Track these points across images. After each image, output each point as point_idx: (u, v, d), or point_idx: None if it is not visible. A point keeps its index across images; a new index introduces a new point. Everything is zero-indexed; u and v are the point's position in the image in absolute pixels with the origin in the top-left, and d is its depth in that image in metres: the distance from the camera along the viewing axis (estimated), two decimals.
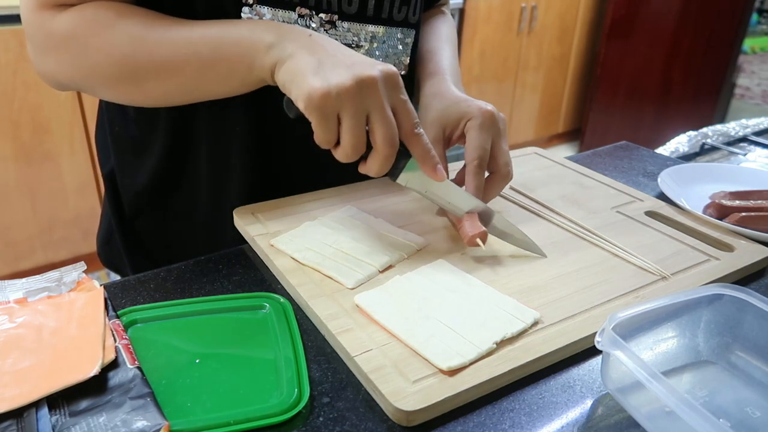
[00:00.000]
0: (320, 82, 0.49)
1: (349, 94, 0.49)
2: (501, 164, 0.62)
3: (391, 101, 0.52)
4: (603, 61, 3.23)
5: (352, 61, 0.52)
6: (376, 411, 0.42)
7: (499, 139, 0.62)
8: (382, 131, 0.51)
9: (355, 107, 0.50)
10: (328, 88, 0.49)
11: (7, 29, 1.70)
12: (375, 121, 0.51)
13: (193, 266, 0.58)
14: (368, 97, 0.50)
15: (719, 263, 0.59)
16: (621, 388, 0.42)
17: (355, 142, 0.51)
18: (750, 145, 1.14)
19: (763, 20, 4.14)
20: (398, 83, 0.53)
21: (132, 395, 0.39)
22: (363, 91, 0.50)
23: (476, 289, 0.52)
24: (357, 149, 0.52)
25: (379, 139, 0.52)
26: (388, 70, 0.52)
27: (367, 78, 0.50)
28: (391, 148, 0.52)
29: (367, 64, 0.51)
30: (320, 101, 0.49)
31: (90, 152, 1.95)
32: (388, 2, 0.67)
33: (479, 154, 0.60)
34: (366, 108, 0.51)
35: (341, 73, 0.50)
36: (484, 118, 0.61)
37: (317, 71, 0.50)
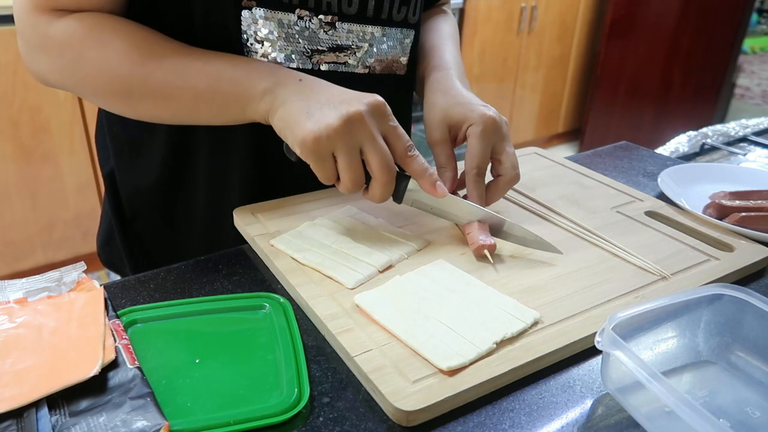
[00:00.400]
0: (311, 126, 0.52)
1: (339, 133, 0.52)
2: (508, 167, 0.63)
3: (381, 130, 0.55)
4: (603, 61, 3.23)
5: (340, 99, 0.54)
6: (376, 411, 0.42)
7: (503, 142, 0.63)
8: (377, 160, 0.54)
9: (347, 144, 0.53)
10: (319, 132, 0.52)
11: (7, 29, 1.70)
12: (368, 152, 0.54)
13: (193, 266, 0.58)
14: (358, 132, 0.53)
15: (719, 263, 0.59)
16: (621, 388, 0.42)
17: (353, 176, 0.54)
18: (750, 145, 1.14)
19: (763, 20, 4.14)
20: (385, 112, 0.55)
21: (132, 395, 0.39)
22: (352, 127, 0.52)
23: (476, 289, 0.52)
24: (356, 182, 0.55)
25: (375, 167, 0.54)
26: (374, 101, 0.54)
27: (353, 114, 0.52)
28: (388, 175, 0.55)
29: (353, 100, 0.54)
30: (313, 145, 0.52)
31: (90, 152, 1.95)
32: (388, 3, 0.67)
33: (477, 162, 0.61)
34: (358, 142, 0.53)
35: (329, 114, 0.52)
36: (485, 126, 0.61)
37: (308, 116, 0.53)
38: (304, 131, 0.52)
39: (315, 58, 0.65)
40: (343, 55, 0.66)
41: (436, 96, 0.68)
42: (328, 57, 0.66)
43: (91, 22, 0.57)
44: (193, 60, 0.58)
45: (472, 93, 0.68)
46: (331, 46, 0.65)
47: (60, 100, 1.84)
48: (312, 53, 0.64)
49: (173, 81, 0.57)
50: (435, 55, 0.75)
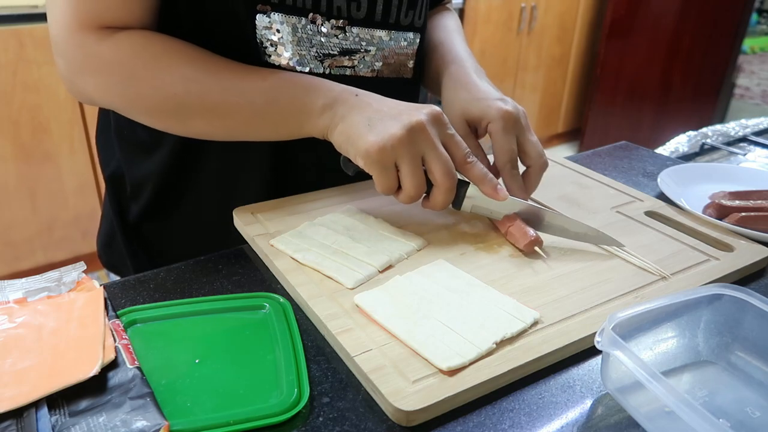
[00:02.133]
0: (374, 137, 0.54)
1: (403, 143, 0.53)
2: (534, 156, 0.64)
3: (441, 138, 0.56)
4: (603, 61, 3.23)
5: (398, 110, 0.55)
6: (376, 411, 0.42)
7: (525, 133, 0.63)
8: (440, 167, 0.55)
9: (410, 153, 0.54)
10: (383, 142, 0.53)
11: (7, 29, 1.70)
12: (430, 160, 0.55)
13: (193, 266, 0.58)
14: (420, 141, 0.54)
15: (719, 263, 0.59)
16: (621, 388, 0.42)
17: (416, 183, 0.55)
18: (750, 145, 1.14)
19: (762, 20, 4.14)
20: (444, 121, 0.57)
21: (132, 395, 0.39)
22: (414, 136, 0.54)
23: (476, 289, 0.52)
24: (419, 190, 0.56)
25: (438, 175, 0.55)
26: (433, 111, 0.56)
27: (415, 124, 0.54)
28: (450, 181, 0.56)
29: (413, 111, 0.55)
30: (378, 155, 0.53)
31: (90, 152, 1.95)
32: (396, 7, 0.67)
33: (509, 157, 0.62)
34: (420, 151, 0.55)
35: (391, 125, 0.54)
36: (505, 121, 0.62)
37: (369, 129, 0.54)
38: (368, 143, 0.54)
39: (327, 62, 0.65)
40: (352, 59, 0.67)
41: (454, 92, 0.69)
42: (339, 61, 0.66)
43: (140, 41, 0.57)
44: (249, 77, 0.58)
45: (488, 83, 0.69)
46: (341, 50, 0.66)
47: (60, 100, 1.84)
48: (324, 57, 0.65)
49: (230, 98, 0.57)
50: (446, 50, 0.76)
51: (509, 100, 0.64)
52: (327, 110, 0.58)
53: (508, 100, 0.64)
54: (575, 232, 0.60)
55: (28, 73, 1.75)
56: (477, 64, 0.74)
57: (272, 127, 0.60)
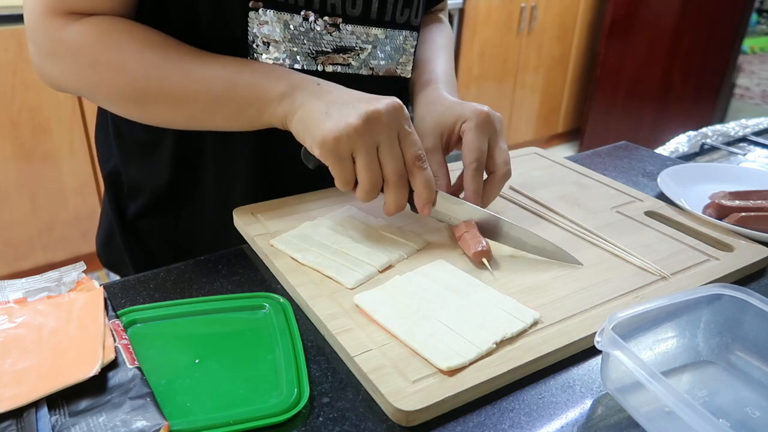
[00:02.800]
0: (330, 125, 0.52)
1: (359, 132, 0.52)
2: (500, 163, 0.62)
3: (398, 132, 0.54)
4: (603, 61, 3.23)
5: (357, 99, 0.54)
6: (376, 411, 0.42)
7: (497, 138, 0.62)
8: (390, 163, 0.54)
9: (366, 144, 0.53)
10: (339, 131, 0.52)
11: (7, 29, 1.70)
12: (383, 154, 0.54)
13: (193, 266, 0.58)
14: (376, 131, 0.53)
15: (719, 263, 0.59)
16: (620, 388, 0.42)
17: (370, 176, 0.54)
18: (749, 145, 1.14)
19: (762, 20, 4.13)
20: (404, 114, 0.55)
21: (132, 395, 0.39)
22: (371, 125, 0.52)
23: (476, 289, 0.52)
24: (374, 184, 0.54)
25: (387, 171, 0.54)
26: (392, 102, 0.54)
27: (372, 113, 0.52)
28: (398, 179, 0.54)
29: (372, 100, 0.54)
30: (333, 144, 0.52)
31: (90, 152, 1.95)
32: (391, 5, 0.67)
33: (476, 156, 0.60)
34: (376, 141, 0.53)
35: (349, 113, 0.52)
36: (479, 120, 0.61)
37: (327, 117, 0.53)
38: (324, 131, 0.52)
39: (320, 60, 0.65)
40: (347, 57, 0.67)
41: (426, 108, 0.68)
42: (333, 58, 0.66)
43: (105, 26, 0.57)
44: (209, 64, 0.57)
45: None
46: (335, 48, 0.65)
47: (60, 100, 1.84)
48: (317, 54, 0.65)
49: (189, 84, 0.57)
50: (426, 69, 0.75)
51: (486, 106, 0.63)
52: (286, 98, 0.56)
53: (485, 106, 0.63)
54: (532, 246, 0.58)
55: (28, 73, 1.75)
56: (454, 87, 0.73)
57: (231, 115, 0.59)
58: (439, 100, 0.67)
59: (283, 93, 0.56)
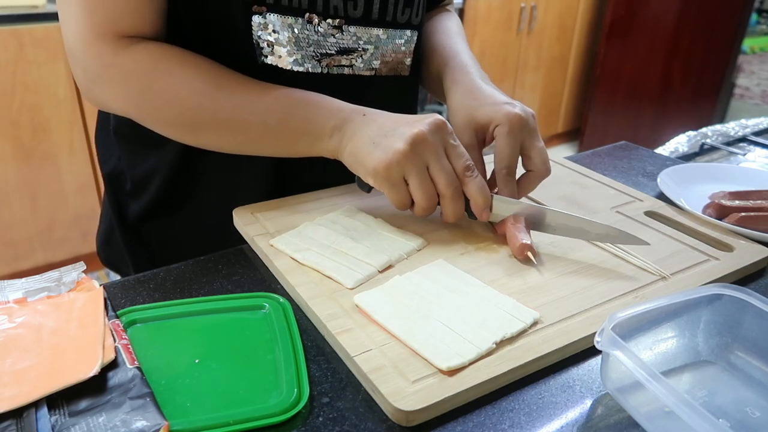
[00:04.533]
0: (379, 155, 0.55)
1: (407, 157, 0.54)
2: (538, 162, 0.62)
3: (444, 147, 0.56)
4: (602, 61, 3.23)
5: (401, 125, 0.56)
6: (376, 411, 0.42)
7: (531, 138, 0.62)
8: (443, 178, 0.56)
9: (416, 166, 0.55)
10: (388, 159, 0.54)
11: (6, 29, 1.70)
12: (434, 171, 0.56)
13: (192, 266, 0.58)
14: (424, 153, 0.55)
15: (719, 263, 0.59)
16: (620, 388, 0.42)
17: (426, 195, 0.56)
18: (749, 145, 1.14)
19: (762, 20, 4.14)
20: (447, 129, 0.57)
21: (131, 395, 0.39)
22: (417, 148, 0.54)
23: (476, 289, 0.52)
24: (430, 202, 0.57)
25: (441, 186, 0.56)
26: (435, 120, 0.56)
27: (417, 135, 0.54)
28: (454, 191, 0.56)
29: (416, 122, 0.56)
30: (385, 172, 0.55)
31: (90, 152, 1.95)
32: (392, 5, 0.67)
33: (507, 162, 0.61)
34: (425, 162, 0.55)
35: (395, 141, 0.55)
36: (511, 125, 0.61)
37: (374, 147, 0.56)
38: (374, 161, 0.55)
39: (324, 62, 0.65)
40: (350, 58, 0.67)
41: (460, 99, 0.68)
42: (337, 60, 0.66)
43: (157, 53, 0.58)
44: (262, 95, 0.59)
45: (494, 88, 0.68)
46: (339, 50, 0.66)
47: (60, 100, 1.84)
48: (321, 57, 0.65)
49: (243, 115, 0.58)
50: (449, 55, 0.75)
51: (518, 103, 0.63)
52: (336, 132, 0.59)
53: (517, 104, 0.63)
54: (596, 234, 0.59)
55: (27, 73, 1.75)
56: (481, 69, 0.73)
57: (283, 146, 0.61)
58: (472, 91, 0.67)
59: (334, 127, 0.59)
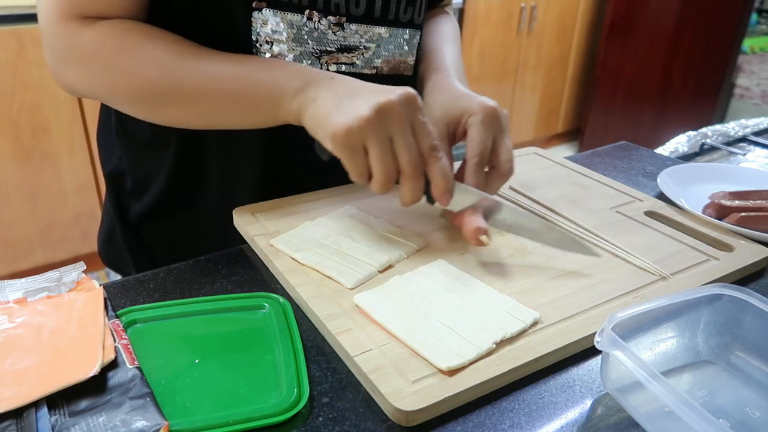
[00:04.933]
0: (342, 118, 0.51)
1: (371, 123, 0.51)
2: (503, 160, 0.61)
3: (412, 123, 0.53)
4: (602, 61, 3.23)
5: (370, 91, 0.53)
6: (376, 411, 0.42)
7: (502, 135, 0.62)
8: (404, 154, 0.53)
9: (378, 135, 0.51)
10: (350, 122, 0.51)
11: (6, 29, 1.70)
12: (398, 145, 0.53)
13: (192, 266, 0.58)
14: (389, 122, 0.52)
15: (719, 263, 0.59)
16: (620, 388, 0.42)
17: (385, 169, 0.53)
18: (749, 145, 1.14)
19: (762, 20, 4.14)
20: (417, 104, 0.54)
21: (131, 395, 0.39)
22: (383, 117, 0.51)
23: (476, 289, 0.52)
24: (389, 176, 0.53)
25: (402, 162, 0.53)
26: (406, 92, 0.53)
27: (385, 103, 0.51)
28: (414, 169, 0.53)
29: (385, 91, 0.53)
30: (345, 137, 0.51)
31: (90, 152, 1.95)
32: (395, 3, 0.67)
33: (479, 151, 0.60)
34: (388, 133, 0.52)
35: (360, 105, 0.51)
36: (485, 114, 0.60)
37: (338, 109, 0.52)
38: (336, 124, 0.52)
39: (324, 59, 0.65)
40: (351, 56, 0.67)
41: (435, 96, 0.67)
42: (337, 58, 0.66)
43: (118, 29, 0.57)
44: (223, 63, 0.58)
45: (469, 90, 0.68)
46: (340, 47, 0.65)
47: (60, 100, 1.84)
48: (321, 54, 0.65)
49: (203, 84, 0.57)
50: (434, 58, 0.75)
51: (494, 100, 0.63)
52: (300, 93, 0.56)
53: (493, 100, 0.62)
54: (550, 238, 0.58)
55: (28, 73, 1.75)
56: (463, 75, 0.73)
57: (247, 112, 0.59)
58: (447, 89, 0.67)
59: (297, 89, 0.56)
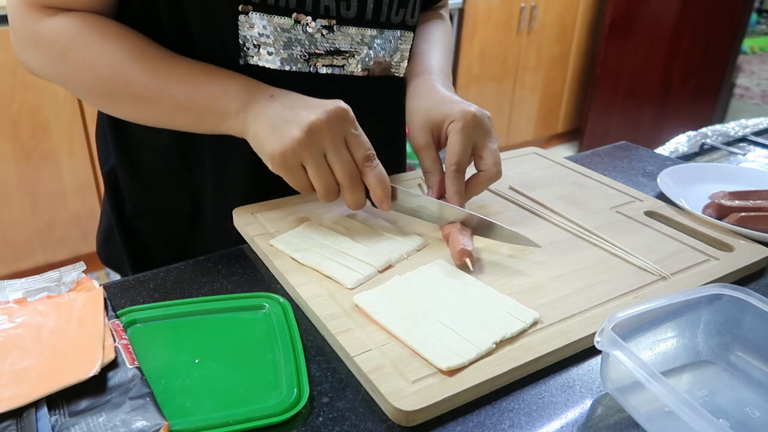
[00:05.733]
0: (277, 141, 0.54)
1: (302, 144, 0.54)
2: (489, 164, 0.62)
3: (344, 135, 0.56)
4: (602, 61, 3.23)
5: (302, 110, 0.55)
6: (376, 411, 0.42)
7: (485, 138, 0.62)
8: (339, 167, 0.55)
9: (312, 154, 0.54)
10: (283, 147, 0.54)
11: (6, 29, 1.70)
12: (332, 160, 0.55)
13: (192, 266, 0.58)
14: (320, 140, 0.54)
15: (719, 263, 0.59)
16: (620, 388, 0.42)
17: (324, 183, 0.56)
18: (749, 145, 1.14)
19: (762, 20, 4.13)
20: (346, 118, 0.56)
21: (131, 395, 0.39)
22: (313, 136, 0.54)
23: (475, 289, 0.52)
24: (329, 189, 0.56)
25: (338, 175, 0.56)
26: (334, 107, 0.55)
27: (313, 124, 0.54)
28: (350, 181, 0.56)
29: (313, 109, 0.55)
30: (281, 160, 0.54)
31: (89, 152, 1.95)
32: (386, 6, 0.67)
33: (457, 159, 0.61)
34: (322, 150, 0.55)
35: (292, 128, 0.54)
36: (465, 121, 0.61)
37: (272, 132, 0.55)
38: (272, 147, 0.55)
39: (313, 62, 0.65)
40: (341, 59, 0.66)
41: (417, 101, 0.68)
42: (326, 60, 0.66)
43: (79, 22, 0.58)
44: (174, 68, 0.59)
45: (454, 94, 0.68)
46: (329, 50, 0.65)
47: (60, 100, 1.84)
48: (310, 57, 0.64)
49: (152, 88, 0.58)
50: (420, 61, 0.75)
51: (474, 105, 0.63)
52: (241, 112, 0.58)
53: (473, 105, 0.63)
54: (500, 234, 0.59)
55: (27, 73, 1.75)
56: (448, 78, 0.73)
57: (193, 122, 0.60)
58: (429, 93, 0.67)
59: (238, 108, 0.58)
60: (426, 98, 0.67)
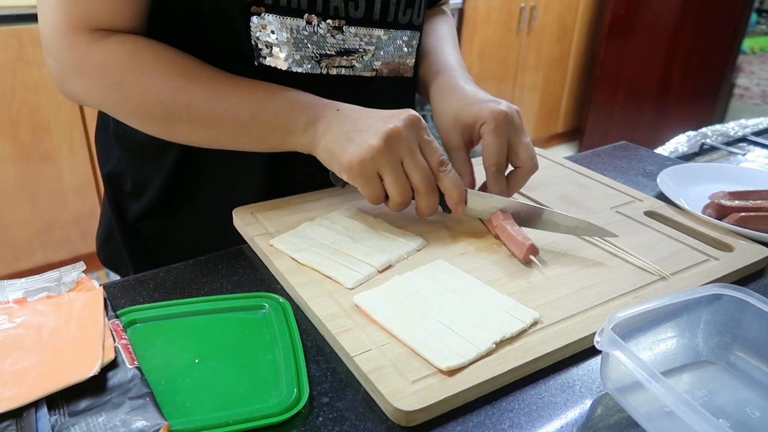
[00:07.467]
0: (354, 150, 0.55)
1: (381, 152, 0.54)
2: (525, 159, 0.63)
3: (418, 143, 0.57)
4: (602, 61, 3.23)
5: (375, 120, 0.56)
6: (376, 411, 0.42)
7: (518, 134, 0.63)
8: (417, 173, 0.56)
9: (390, 162, 0.55)
10: (362, 155, 0.54)
11: (6, 29, 1.70)
12: (408, 167, 0.56)
13: (192, 266, 0.58)
14: (398, 148, 0.55)
15: (718, 263, 0.59)
16: (620, 388, 0.42)
17: (400, 190, 0.56)
18: (749, 145, 1.14)
19: (762, 20, 4.13)
20: (421, 125, 0.57)
21: (131, 395, 0.39)
22: (392, 144, 0.55)
23: (475, 289, 0.52)
24: (405, 197, 0.57)
25: (415, 181, 0.56)
26: (408, 115, 0.56)
27: (391, 131, 0.55)
28: (428, 186, 0.57)
29: (388, 118, 0.56)
30: (359, 168, 0.55)
31: (89, 152, 1.95)
32: (394, 6, 0.67)
33: (496, 160, 0.62)
34: (399, 157, 0.56)
35: (369, 136, 0.55)
36: (497, 122, 0.62)
37: (349, 142, 0.56)
38: (349, 157, 0.55)
39: (324, 63, 0.65)
40: (351, 59, 0.67)
41: (444, 102, 0.68)
42: (337, 61, 0.66)
43: (131, 46, 0.57)
44: (236, 89, 0.59)
45: (478, 89, 0.68)
46: (339, 50, 0.66)
47: (60, 100, 1.84)
48: (321, 58, 0.65)
49: (215, 109, 0.58)
50: (435, 59, 0.75)
51: (502, 101, 0.64)
52: (309, 127, 0.58)
53: (501, 101, 0.64)
54: (566, 226, 0.60)
55: (27, 73, 1.75)
56: (466, 72, 0.74)
57: (256, 141, 0.61)
58: (455, 93, 0.68)
59: (306, 123, 0.58)
60: (453, 98, 0.67)
